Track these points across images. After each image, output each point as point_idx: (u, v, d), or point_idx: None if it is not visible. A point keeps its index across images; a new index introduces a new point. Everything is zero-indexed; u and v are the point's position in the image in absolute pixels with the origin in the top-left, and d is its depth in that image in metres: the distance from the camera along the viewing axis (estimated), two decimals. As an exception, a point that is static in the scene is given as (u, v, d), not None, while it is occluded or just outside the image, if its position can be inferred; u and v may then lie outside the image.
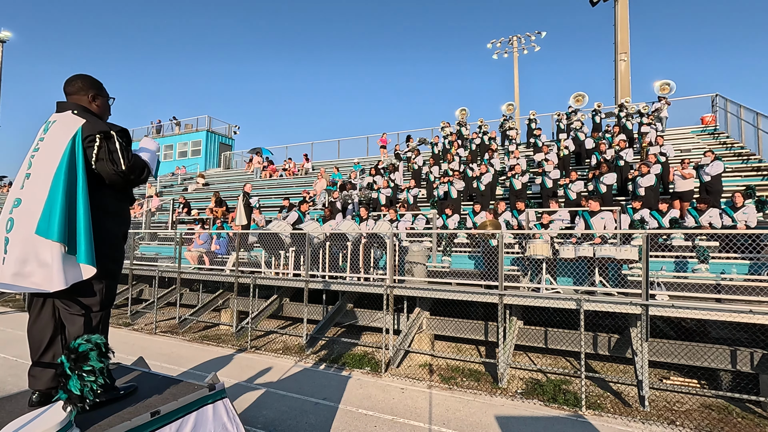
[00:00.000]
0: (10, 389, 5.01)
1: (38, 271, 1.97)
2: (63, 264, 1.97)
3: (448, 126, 17.00)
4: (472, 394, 5.43)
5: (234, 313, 8.69)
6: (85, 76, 2.33)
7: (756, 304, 5.15)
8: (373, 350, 7.44)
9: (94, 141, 2.11)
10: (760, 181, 10.29)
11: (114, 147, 2.15)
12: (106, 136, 2.14)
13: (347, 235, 8.00)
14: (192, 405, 2.30)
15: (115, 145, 2.16)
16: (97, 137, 2.11)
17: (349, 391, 5.45)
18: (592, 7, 20.24)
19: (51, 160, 2.05)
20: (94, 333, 2.10)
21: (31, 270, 1.97)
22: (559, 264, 6.98)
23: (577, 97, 16.40)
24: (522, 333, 6.58)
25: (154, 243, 13.72)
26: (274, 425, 4.37)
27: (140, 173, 2.30)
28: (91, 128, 2.12)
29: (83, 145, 2.09)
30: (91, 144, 2.10)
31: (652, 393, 5.50)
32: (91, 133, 2.11)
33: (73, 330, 2.12)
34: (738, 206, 7.29)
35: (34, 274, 1.97)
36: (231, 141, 29.35)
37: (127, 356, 5.16)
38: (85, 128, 2.11)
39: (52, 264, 1.96)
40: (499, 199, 11.65)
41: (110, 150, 2.14)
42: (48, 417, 1.74)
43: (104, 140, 2.14)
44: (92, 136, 2.11)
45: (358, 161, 18.98)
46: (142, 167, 2.32)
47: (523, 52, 26.41)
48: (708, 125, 15.09)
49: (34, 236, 1.97)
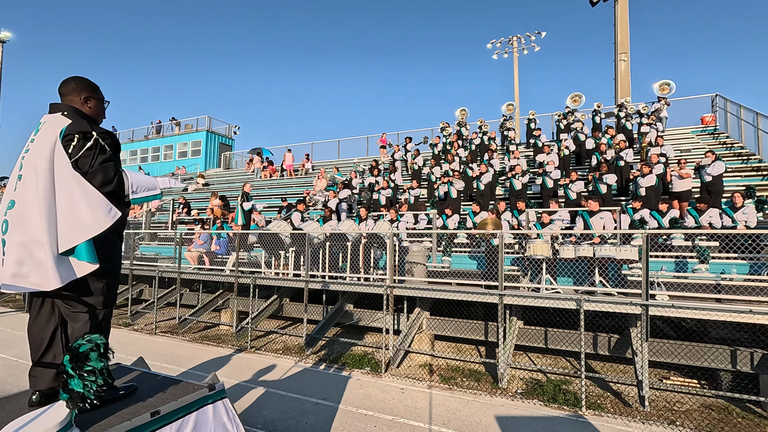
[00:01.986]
0: (10, 389, 5.01)
1: (35, 271, 1.98)
2: (56, 263, 1.98)
3: (448, 126, 17.00)
4: (472, 394, 5.43)
5: (234, 313, 8.69)
6: (79, 78, 2.32)
7: (756, 304, 5.15)
8: (373, 350, 7.44)
9: (72, 140, 2.10)
10: (760, 181, 10.29)
11: (88, 148, 2.12)
12: (85, 137, 2.12)
13: (347, 235, 8.01)
14: (192, 405, 2.30)
15: (90, 148, 2.12)
16: (75, 136, 2.10)
17: (349, 391, 5.45)
18: (592, 7, 20.24)
19: (39, 162, 2.05)
20: (96, 332, 2.11)
21: (28, 270, 1.99)
22: (559, 264, 6.98)
23: (575, 97, 16.40)
24: (522, 333, 6.58)
25: (154, 243, 13.72)
26: (274, 425, 4.37)
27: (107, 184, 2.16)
28: (73, 128, 2.12)
29: (62, 143, 2.09)
30: (68, 143, 2.09)
31: (652, 393, 5.50)
32: (70, 132, 2.10)
33: (75, 327, 2.13)
34: (738, 206, 7.29)
35: (31, 274, 1.98)
36: (231, 141, 29.35)
37: (127, 356, 5.16)
38: (68, 128, 2.11)
39: (47, 263, 1.97)
40: (499, 199, 11.65)
41: (82, 151, 2.11)
42: (48, 417, 1.74)
43: (81, 140, 2.11)
44: (71, 135, 2.10)
45: (358, 161, 18.98)
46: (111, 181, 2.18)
47: (523, 53, 26.42)
48: (708, 125, 15.09)
49: (28, 237, 1.98)
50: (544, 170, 11.21)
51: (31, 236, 1.99)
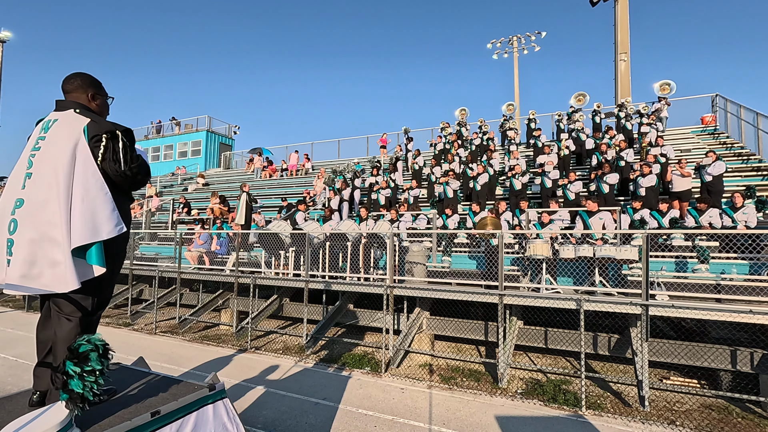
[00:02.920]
0: (10, 389, 5.01)
1: (48, 271, 1.94)
2: (74, 263, 1.96)
3: (448, 126, 17.00)
4: (472, 394, 5.43)
5: (234, 313, 8.69)
6: (84, 75, 2.29)
7: (756, 304, 5.15)
8: (373, 350, 7.44)
9: (101, 141, 2.10)
10: (760, 181, 10.29)
11: (118, 147, 2.15)
12: (113, 136, 2.14)
13: (347, 235, 8.01)
14: (192, 405, 2.30)
15: (118, 146, 2.15)
16: (103, 137, 2.10)
17: (349, 391, 5.45)
18: (592, 7, 20.24)
19: (58, 162, 2.01)
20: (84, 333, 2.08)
21: (40, 271, 1.95)
22: (559, 264, 6.98)
23: (578, 96, 16.37)
24: (522, 333, 6.58)
25: (154, 243, 13.73)
26: (274, 425, 4.37)
27: (144, 175, 2.30)
28: (98, 128, 2.11)
29: (90, 145, 2.08)
30: (97, 144, 2.09)
31: (652, 393, 5.50)
32: (97, 133, 2.10)
33: (60, 333, 2.06)
34: (738, 206, 7.29)
35: (43, 275, 1.95)
36: (231, 141, 29.34)
37: (127, 356, 5.16)
38: (90, 127, 2.10)
39: (65, 263, 1.94)
40: (499, 199, 11.65)
41: (114, 150, 2.13)
42: (48, 417, 1.74)
43: (110, 140, 2.13)
44: (99, 135, 2.10)
45: (358, 161, 18.98)
46: (147, 169, 2.32)
47: (523, 52, 26.41)
48: (708, 125, 15.09)
49: (41, 237, 1.95)
50: (543, 170, 11.21)
51: (46, 236, 1.95)
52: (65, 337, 2.04)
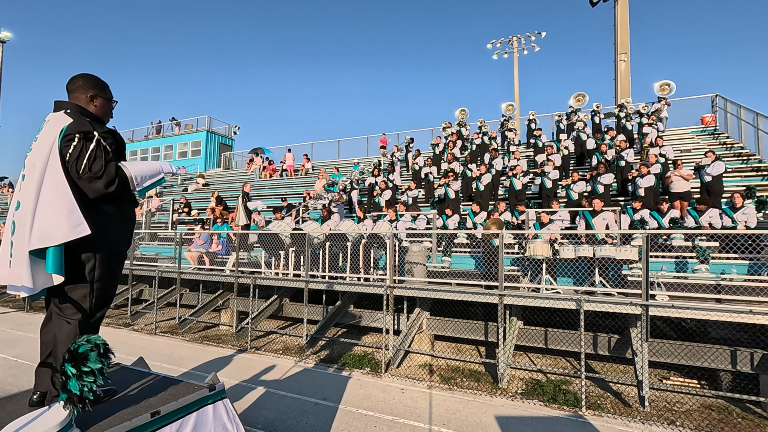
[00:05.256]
0: (10, 389, 5.01)
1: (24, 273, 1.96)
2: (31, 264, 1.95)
3: (449, 126, 17.00)
4: (472, 395, 5.43)
5: (234, 314, 8.69)
6: (88, 76, 2.25)
7: (756, 304, 5.14)
8: (373, 350, 7.44)
9: (72, 140, 2.00)
10: (760, 182, 10.29)
11: (87, 149, 2.01)
12: (86, 137, 2.02)
13: (347, 236, 8.00)
14: (192, 405, 2.30)
15: (89, 147, 2.02)
16: (75, 137, 2.00)
17: (349, 391, 5.45)
18: (592, 7, 20.26)
19: (37, 161, 2.01)
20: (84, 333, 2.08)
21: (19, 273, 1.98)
22: (559, 264, 6.98)
23: (578, 97, 16.38)
24: (522, 333, 6.58)
25: (154, 243, 13.72)
26: (274, 425, 4.37)
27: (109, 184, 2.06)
28: (74, 128, 2.02)
29: (61, 144, 2.00)
30: (68, 143, 2.00)
31: (652, 393, 5.50)
32: (70, 132, 2.01)
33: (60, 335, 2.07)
34: (738, 207, 7.29)
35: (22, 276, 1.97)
36: (231, 141, 29.34)
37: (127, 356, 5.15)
38: (68, 127, 2.03)
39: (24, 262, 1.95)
40: (499, 199, 11.65)
41: (81, 151, 2.01)
42: (48, 417, 1.74)
43: (82, 140, 2.02)
44: (71, 135, 2.00)
45: (358, 161, 18.98)
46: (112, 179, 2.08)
47: (523, 53, 26.46)
48: (708, 125, 15.09)
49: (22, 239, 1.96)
50: (543, 170, 11.22)
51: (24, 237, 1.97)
52: (64, 338, 2.04)
